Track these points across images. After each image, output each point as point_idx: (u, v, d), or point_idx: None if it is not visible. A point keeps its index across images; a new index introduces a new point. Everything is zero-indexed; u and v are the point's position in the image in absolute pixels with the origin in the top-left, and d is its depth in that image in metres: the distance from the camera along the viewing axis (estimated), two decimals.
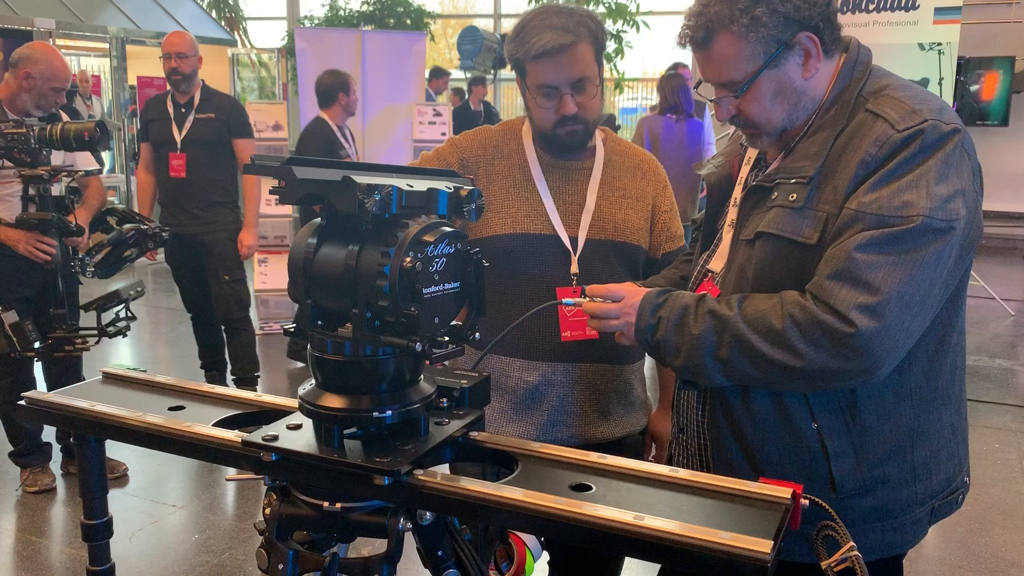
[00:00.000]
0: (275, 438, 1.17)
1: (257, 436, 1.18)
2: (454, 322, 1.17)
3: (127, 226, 3.26)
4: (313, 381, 1.20)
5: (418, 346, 1.07)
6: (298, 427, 1.21)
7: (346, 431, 1.17)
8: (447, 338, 1.13)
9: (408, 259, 1.05)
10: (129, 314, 3.23)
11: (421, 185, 1.14)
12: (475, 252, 1.16)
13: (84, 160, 3.64)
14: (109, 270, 3.25)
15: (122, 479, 3.80)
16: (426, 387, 1.21)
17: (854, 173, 1.31)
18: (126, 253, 3.26)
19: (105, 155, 9.72)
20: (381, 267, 1.05)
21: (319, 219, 1.15)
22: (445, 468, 1.46)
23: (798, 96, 1.40)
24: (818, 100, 1.42)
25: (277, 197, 1.09)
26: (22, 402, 1.42)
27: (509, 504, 1.08)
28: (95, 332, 3.24)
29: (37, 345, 3.19)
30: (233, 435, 1.25)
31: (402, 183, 1.10)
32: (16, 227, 3.28)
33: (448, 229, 1.12)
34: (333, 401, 1.15)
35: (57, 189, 3.40)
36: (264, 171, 1.07)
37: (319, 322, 1.14)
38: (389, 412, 1.14)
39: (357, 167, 1.12)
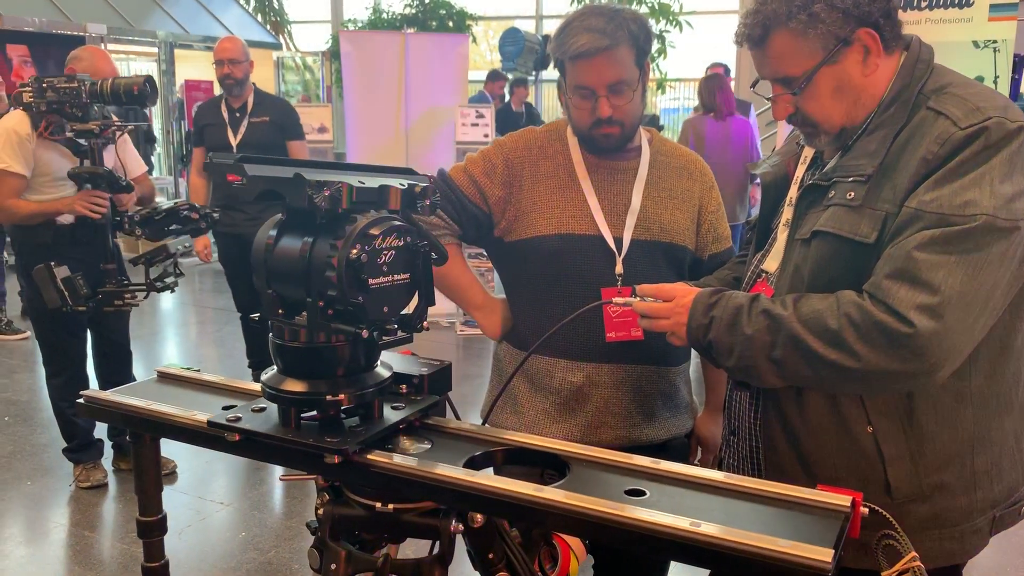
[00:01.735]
0: (238, 419, 1.24)
1: (221, 418, 1.24)
2: (404, 311, 1.21)
3: (180, 200, 3.29)
4: (275, 367, 1.26)
5: (364, 333, 1.13)
6: (262, 410, 1.27)
7: (305, 414, 1.23)
8: (396, 326, 1.20)
9: (354, 251, 1.09)
10: (177, 270, 3.25)
11: (373, 182, 1.18)
12: (423, 245, 1.20)
13: (132, 159, 3.70)
14: (154, 230, 3.26)
15: (171, 476, 3.86)
16: (382, 373, 1.26)
17: (914, 171, 1.28)
18: (172, 226, 3.27)
19: (153, 157, 9.92)
20: (330, 258, 1.10)
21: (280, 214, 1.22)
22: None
23: (857, 93, 1.37)
24: (877, 98, 1.38)
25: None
26: (80, 400, 1.45)
27: (563, 508, 1.07)
28: (143, 287, 3.27)
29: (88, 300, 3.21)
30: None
31: (354, 180, 1.14)
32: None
33: (397, 223, 1.16)
34: (291, 385, 1.21)
35: None
36: (219, 168, 1.11)
37: (279, 311, 1.20)
38: (342, 395, 1.19)
39: (314, 165, 1.17)
